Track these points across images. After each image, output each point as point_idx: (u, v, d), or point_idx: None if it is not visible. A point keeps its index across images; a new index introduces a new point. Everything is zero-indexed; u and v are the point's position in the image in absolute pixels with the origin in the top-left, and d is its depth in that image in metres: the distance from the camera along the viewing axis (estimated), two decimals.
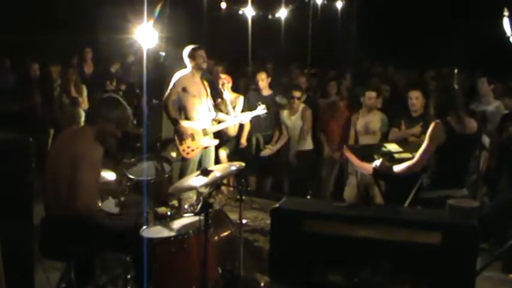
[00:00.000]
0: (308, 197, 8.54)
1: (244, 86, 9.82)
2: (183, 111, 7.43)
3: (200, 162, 7.53)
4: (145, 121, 8.09)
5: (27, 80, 9.51)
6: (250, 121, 8.28)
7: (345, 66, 13.14)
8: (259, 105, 8.04)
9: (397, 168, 5.26)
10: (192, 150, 7.41)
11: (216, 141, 7.73)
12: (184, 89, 7.35)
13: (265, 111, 7.99)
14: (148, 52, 8.01)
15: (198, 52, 7.39)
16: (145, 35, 7.98)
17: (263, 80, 8.93)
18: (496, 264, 5.55)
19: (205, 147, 7.56)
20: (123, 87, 11.10)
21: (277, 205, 4.09)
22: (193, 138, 7.37)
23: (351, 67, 13.11)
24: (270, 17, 16.83)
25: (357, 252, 3.83)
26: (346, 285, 3.87)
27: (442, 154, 4.97)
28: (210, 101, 7.69)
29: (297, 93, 8.46)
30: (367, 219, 3.87)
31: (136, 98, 10.46)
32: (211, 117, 7.66)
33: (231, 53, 13.45)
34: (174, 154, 7.56)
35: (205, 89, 7.61)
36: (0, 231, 3.53)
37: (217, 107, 8.15)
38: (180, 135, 7.36)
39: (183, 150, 7.37)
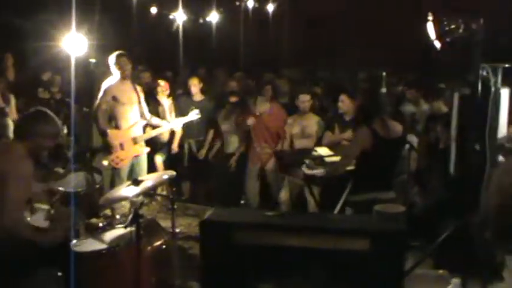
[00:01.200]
0: (242, 201, 8.56)
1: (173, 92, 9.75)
2: (113, 120, 7.31)
3: (132, 171, 7.42)
4: (72, 130, 7.92)
5: None
6: (182, 127, 8.23)
7: (278, 69, 13.22)
8: (192, 110, 7.99)
9: (322, 169, 5.35)
10: (122, 159, 7.30)
11: (147, 149, 7.63)
12: (114, 98, 7.22)
13: (198, 116, 7.94)
14: (77, 60, 7.88)
15: (123, 58, 7.29)
16: (74, 42, 7.85)
17: (195, 85, 8.90)
18: (427, 261, 5.71)
19: (136, 156, 7.46)
20: (58, 95, 10.86)
21: (206, 217, 4.08)
22: (122, 148, 7.26)
23: (287, 70, 13.19)
24: (201, 21, 16.77)
25: (287, 261, 3.85)
26: None
27: (368, 158, 5.06)
28: (144, 106, 7.59)
29: (233, 98, 8.48)
30: (296, 228, 3.90)
31: (65, 107, 10.26)
32: (143, 124, 7.56)
33: (163, 58, 13.35)
34: (105, 162, 7.44)
35: (138, 95, 7.50)
36: None
37: (155, 114, 8.09)
38: (109, 145, 7.24)
39: (113, 160, 7.25)
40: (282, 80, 10.62)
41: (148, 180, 4.85)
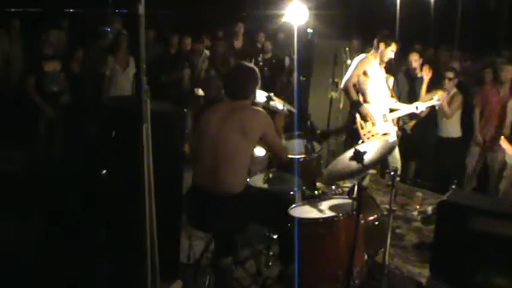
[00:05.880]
0: (453, 186, 8.18)
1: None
2: (361, 94, 7.18)
3: None
4: (296, 98, 7.98)
5: (178, 52, 9.67)
6: None
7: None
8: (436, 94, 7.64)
9: None
10: (373, 135, 7.12)
11: (394, 128, 7.37)
12: (364, 73, 7.10)
13: (439, 102, 7.58)
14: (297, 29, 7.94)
15: (388, 45, 7.05)
16: (296, 10, 7.89)
17: (416, 61, 8.58)
18: None
19: (385, 134, 7.16)
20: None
21: (445, 198, 3.86)
22: (373, 123, 7.13)
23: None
24: None
25: None
26: None
27: None
28: (387, 87, 7.38)
29: (450, 74, 8.12)
30: None
31: (284, 74, 10.43)
32: (389, 105, 7.35)
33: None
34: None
35: (384, 74, 7.31)
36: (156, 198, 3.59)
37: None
38: (363, 117, 7.13)
39: (364, 135, 7.12)
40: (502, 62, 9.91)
41: (371, 152, 4.72)
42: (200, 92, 8.21)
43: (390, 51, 7.07)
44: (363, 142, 7.02)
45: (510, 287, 3.59)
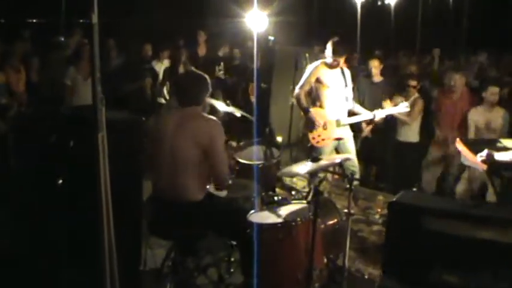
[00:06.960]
0: (414, 189, 8.31)
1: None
2: (317, 100, 7.26)
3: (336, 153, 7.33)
4: (255, 105, 8.04)
5: (139, 61, 9.64)
6: None
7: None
8: (402, 101, 7.66)
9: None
10: (323, 139, 7.18)
11: (351, 133, 7.43)
12: (318, 80, 7.16)
13: (408, 109, 7.56)
14: (257, 36, 7.99)
15: (338, 45, 7.06)
16: (256, 18, 7.93)
17: (376, 67, 8.68)
18: None
19: (338, 139, 7.27)
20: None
21: (395, 199, 3.92)
22: (325, 127, 7.16)
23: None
24: (379, 3, 16.36)
25: (477, 255, 3.56)
26: None
27: None
28: (348, 92, 7.37)
29: (413, 82, 8.26)
30: (495, 220, 3.59)
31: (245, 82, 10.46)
32: (347, 108, 7.38)
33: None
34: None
35: (344, 79, 7.31)
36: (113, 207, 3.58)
37: None
38: (310, 123, 7.16)
39: (313, 138, 7.17)
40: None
41: (326, 160, 4.83)
42: (162, 100, 8.21)
43: (337, 55, 7.06)
44: (311, 146, 7.18)
45: (461, 285, 3.67)
